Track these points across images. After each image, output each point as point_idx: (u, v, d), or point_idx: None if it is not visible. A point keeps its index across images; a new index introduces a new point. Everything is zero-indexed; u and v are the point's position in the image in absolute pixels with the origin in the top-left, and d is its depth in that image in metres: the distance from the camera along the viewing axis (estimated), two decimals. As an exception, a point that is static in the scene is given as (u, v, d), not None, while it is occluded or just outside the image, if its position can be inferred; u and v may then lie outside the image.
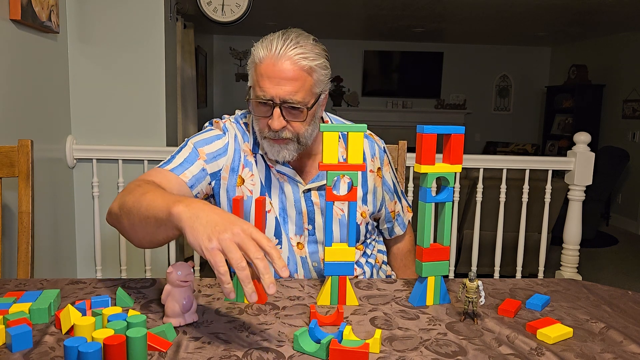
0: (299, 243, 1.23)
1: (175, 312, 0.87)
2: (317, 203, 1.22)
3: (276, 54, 1.06)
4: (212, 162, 1.19)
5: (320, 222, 1.22)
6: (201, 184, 1.18)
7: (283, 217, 1.21)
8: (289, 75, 1.06)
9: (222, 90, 7.05)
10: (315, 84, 1.11)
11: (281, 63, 1.06)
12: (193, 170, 1.16)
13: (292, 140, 1.13)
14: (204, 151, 1.19)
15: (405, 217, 1.42)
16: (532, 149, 6.72)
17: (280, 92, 1.07)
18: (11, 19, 1.82)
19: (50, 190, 2.25)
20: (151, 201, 0.90)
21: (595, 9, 4.55)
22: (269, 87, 1.07)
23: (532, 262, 3.31)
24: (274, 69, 1.06)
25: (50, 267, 2.25)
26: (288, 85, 1.07)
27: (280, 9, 4.90)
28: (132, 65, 2.46)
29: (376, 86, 7.21)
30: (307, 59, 1.08)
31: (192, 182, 1.16)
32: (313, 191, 1.22)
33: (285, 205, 1.21)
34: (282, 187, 1.21)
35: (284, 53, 1.06)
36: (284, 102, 1.08)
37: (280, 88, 1.07)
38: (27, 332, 0.78)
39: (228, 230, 0.77)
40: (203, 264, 2.75)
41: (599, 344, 0.85)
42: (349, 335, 0.78)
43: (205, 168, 1.18)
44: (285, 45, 1.07)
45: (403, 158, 1.54)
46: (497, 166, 2.63)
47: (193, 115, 4.01)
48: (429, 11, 4.88)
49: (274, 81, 1.07)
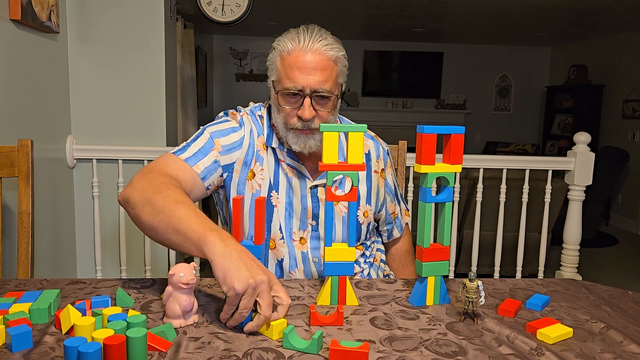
0: (301, 238, 1.24)
1: (176, 314, 0.87)
2: (322, 200, 1.23)
3: (305, 45, 1.11)
4: (226, 155, 1.20)
5: (323, 219, 1.22)
6: (212, 176, 1.18)
7: (289, 212, 1.23)
8: (318, 66, 1.11)
9: (222, 90, 7.05)
10: (340, 74, 1.17)
11: (310, 54, 1.11)
12: (206, 162, 1.17)
13: (318, 129, 1.14)
14: (220, 142, 1.20)
15: (403, 219, 1.44)
16: (532, 149, 6.72)
17: (311, 82, 1.11)
18: (11, 19, 1.82)
19: (50, 190, 2.25)
20: (185, 216, 0.93)
21: (595, 9, 4.55)
22: (300, 78, 1.11)
23: (532, 262, 3.31)
24: (304, 60, 1.11)
25: (50, 267, 2.25)
26: (318, 75, 1.11)
27: (280, 9, 4.90)
28: (132, 65, 2.46)
29: (376, 86, 7.21)
30: (333, 49, 1.13)
31: (204, 174, 1.17)
32: (320, 188, 1.24)
33: (292, 200, 1.23)
34: (290, 182, 1.23)
35: (312, 45, 1.11)
36: (314, 91, 1.12)
37: (311, 78, 1.11)
38: (27, 332, 0.78)
39: (257, 278, 0.83)
40: (203, 263, 2.75)
41: (599, 344, 0.85)
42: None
43: (218, 160, 1.19)
44: (312, 37, 1.12)
45: (403, 158, 1.54)
46: (497, 166, 2.63)
47: (193, 115, 4.01)
48: (429, 11, 4.88)
49: (305, 71, 1.11)
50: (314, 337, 0.79)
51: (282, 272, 1.24)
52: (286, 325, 0.84)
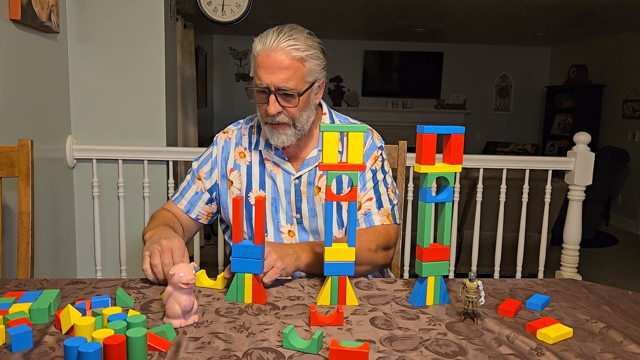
0: (289, 231, 1.31)
1: (176, 314, 0.87)
2: (304, 192, 1.30)
3: (270, 46, 1.18)
4: (209, 179, 1.37)
5: (305, 211, 1.31)
6: (197, 206, 1.37)
7: (275, 207, 1.32)
8: (281, 65, 1.17)
9: (222, 90, 7.04)
10: (308, 72, 1.21)
11: (274, 54, 1.17)
12: (187, 197, 1.38)
13: (289, 125, 1.23)
14: (203, 171, 1.37)
15: (375, 218, 1.30)
16: (532, 149, 6.71)
17: (274, 80, 1.18)
18: (11, 19, 1.82)
19: (50, 190, 2.25)
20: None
21: (595, 9, 4.55)
22: (265, 76, 1.19)
23: (532, 262, 3.31)
24: (268, 60, 1.18)
25: (50, 267, 2.25)
26: (281, 74, 1.18)
27: (280, 9, 4.90)
28: (132, 65, 2.46)
29: (376, 86, 7.21)
30: (298, 50, 1.18)
31: (187, 209, 1.37)
32: (302, 181, 1.31)
33: (277, 195, 1.31)
34: (274, 179, 1.31)
35: (277, 45, 1.17)
36: (278, 89, 1.19)
37: (274, 76, 1.18)
38: (27, 332, 0.78)
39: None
40: (203, 264, 2.75)
41: (599, 344, 0.85)
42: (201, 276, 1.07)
43: (201, 189, 1.37)
44: (278, 38, 1.18)
45: (403, 158, 1.54)
46: (497, 166, 2.63)
47: (193, 115, 4.01)
48: (429, 11, 4.88)
49: (269, 70, 1.18)
50: (314, 337, 0.79)
51: None
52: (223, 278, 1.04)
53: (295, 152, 1.32)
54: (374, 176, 1.33)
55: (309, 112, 1.26)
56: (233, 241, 0.99)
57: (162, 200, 2.53)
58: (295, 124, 1.23)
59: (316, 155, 1.31)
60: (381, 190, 1.33)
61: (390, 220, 1.32)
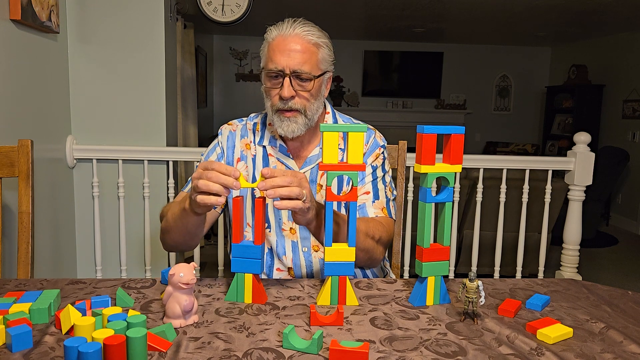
0: (291, 228, 1.31)
1: (176, 314, 0.87)
2: None
3: (286, 31, 1.23)
4: None
5: None
6: None
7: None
8: (298, 48, 1.21)
9: (222, 90, 7.04)
10: (321, 60, 1.25)
11: (291, 38, 1.22)
12: None
13: (300, 112, 1.24)
14: (210, 160, 1.34)
15: (369, 210, 1.31)
16: (532, 149, 6.71)
17: (291, 63, 1.20)
18: (11, 19, 1.82)
19: (50, 190, 2.25)
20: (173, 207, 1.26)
21: (595, 9, 4.55)
22: (280, 59, 1.21)
23: (532, 262, 3.31)
24: (285, 42, 1.22)
25: (50, 267, 2.25)
26: (297, 57, 1.21)
27: (280, 9, 4.90)
28: (132, 65, 2.46)
29: (376, 86, 7.21)
30: (313, 35, 1.23)
31: None
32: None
33: None
34: None
35: (293, 30, 1.22)
36: (294, 72, 1.21)
37: (290, 59, 1.21)
38: (27, 332, 0.78)
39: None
40: (203, 263, 2.75)
41: (599, 344, 0.85)
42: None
43: None
44: (294, 25, 1.23)
45: (403, 158, 1.54)
46: (497, 166, 2.63)
47: (193, 115, 4.01)
48: (429, 11, 4.88)
49: (285, 53, 1.21)
50: (314, 337, 0.79)
51: (273, 260, 1.31)
52: None
53: (299, 150, 1.33)
54: (373, 172, 1.35)
55: (319, 102, 1.27)
56: (233, 241, 0.99)
57: (162, 200, 2.53)
58: (306, 112, 1.24)
59: (318, 153, 1.32)
60: (379, 187, 1.35)
61: (385, 213, 1.32)
